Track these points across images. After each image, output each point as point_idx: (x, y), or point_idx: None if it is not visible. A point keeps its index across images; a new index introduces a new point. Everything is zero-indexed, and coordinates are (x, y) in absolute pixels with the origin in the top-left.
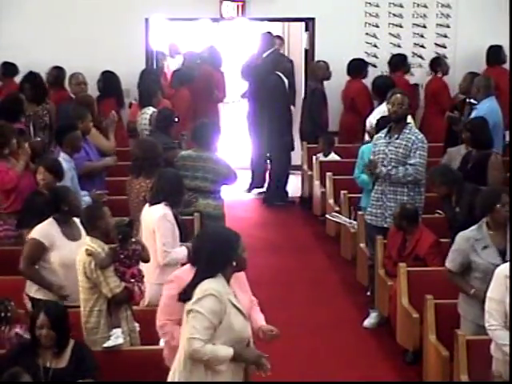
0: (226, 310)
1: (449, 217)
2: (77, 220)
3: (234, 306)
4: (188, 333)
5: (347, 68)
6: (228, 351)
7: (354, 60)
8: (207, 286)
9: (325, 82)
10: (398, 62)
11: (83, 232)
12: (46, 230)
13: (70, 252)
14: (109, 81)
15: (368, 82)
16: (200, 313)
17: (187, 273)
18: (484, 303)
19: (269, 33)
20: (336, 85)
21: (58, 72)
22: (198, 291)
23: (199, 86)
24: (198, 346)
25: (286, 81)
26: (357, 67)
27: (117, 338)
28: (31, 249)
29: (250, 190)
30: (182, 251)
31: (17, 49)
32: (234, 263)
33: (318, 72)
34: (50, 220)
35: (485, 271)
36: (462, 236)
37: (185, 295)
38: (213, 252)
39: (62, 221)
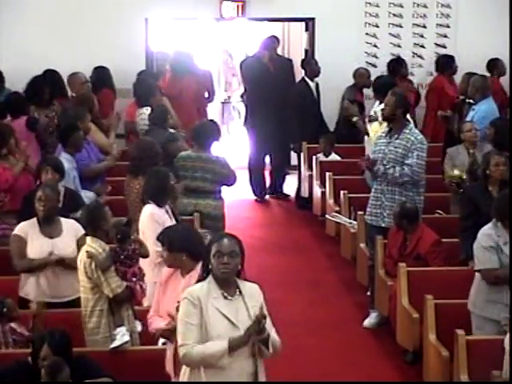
0: (203, 313)
1: (485, 210)
2: (63, 220)
3: (219, 311)
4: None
5: (387, 69)
6: (221, 345)
7: (392, 60)
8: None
9: (323, 81)
10: (445, 64)
11: (65, 231)
12: (24, 227)
13: (41, 248)
14: (52, 79)
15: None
16: (180, 319)
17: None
18: None
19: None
20: (336, 84)
21: None
22: None
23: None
24: (185, 352)
25: (312, 84)
26: (396, 66)
27: (122, 336)
28: (15, 244)
29: (263, 198)
30: None
31: (15, 49)
32: (210, 266)
33: (357, 80)
34: (34, 219)
35: (504, 265)
36: (483, 234)
37: None
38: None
39: (41, 219)
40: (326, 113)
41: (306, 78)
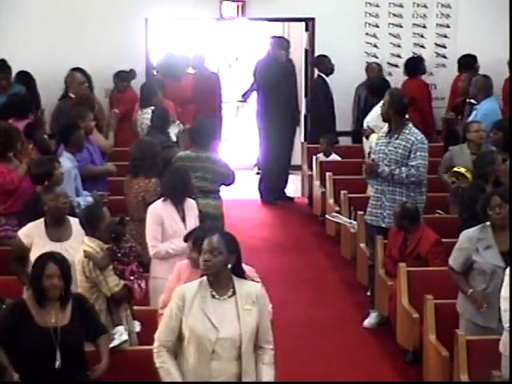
0: (185, 310)
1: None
2: (72, 220)
3: (203, 311)
4: None
5: (404, 67)
6: (173, 378)
7: (410, 59)
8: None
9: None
10: (468, 63)
11: (74, 233)
12: (29, 230)
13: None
14: (24, 81)
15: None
16: (165, 313)
17: (184, 266)
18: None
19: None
20: (337, 84)
21: None
22: None
23: (202, 90)
24: (155, 347)
25: (328, 80)
26: (414, 65)
27: (121, 335)
28: (13, 246)
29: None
30: (168, 245)
31: (15, 49)
32: None
33: (369, 74)
34: (40, 220)
35: (485, 271)
36: (465, 235)
37: None
38: None
39: (49, 221)
40: None
41: (323, 75)
